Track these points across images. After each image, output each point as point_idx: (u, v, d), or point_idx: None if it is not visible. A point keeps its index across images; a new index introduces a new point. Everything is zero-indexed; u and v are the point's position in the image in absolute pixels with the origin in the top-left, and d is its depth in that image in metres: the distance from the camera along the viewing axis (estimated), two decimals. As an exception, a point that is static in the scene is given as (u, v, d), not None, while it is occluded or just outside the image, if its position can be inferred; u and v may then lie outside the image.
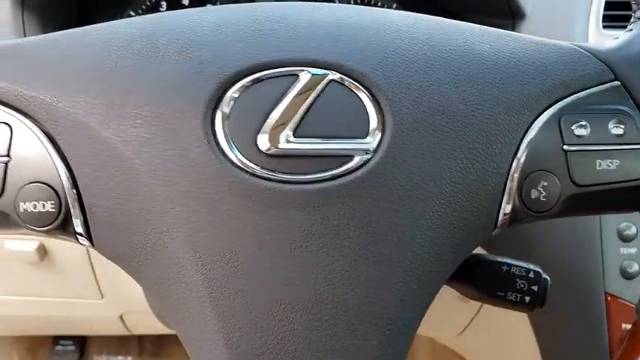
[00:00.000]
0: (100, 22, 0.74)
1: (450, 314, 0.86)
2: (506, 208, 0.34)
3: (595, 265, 0.66)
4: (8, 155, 0.32)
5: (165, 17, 0.35)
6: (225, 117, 0.32)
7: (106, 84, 0.32)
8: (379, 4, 0.81)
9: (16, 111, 0.32)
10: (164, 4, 0.79)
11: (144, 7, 0.78)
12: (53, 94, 0.32)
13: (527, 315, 0.71)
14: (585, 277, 0.67)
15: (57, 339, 1.17)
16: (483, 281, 0.42)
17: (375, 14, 0.36)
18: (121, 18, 0.76)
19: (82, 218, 0.33)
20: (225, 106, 0.32)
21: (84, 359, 1.36)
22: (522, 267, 0.42)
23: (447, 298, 0.56)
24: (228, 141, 0.31)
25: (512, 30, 0.71)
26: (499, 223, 0.35)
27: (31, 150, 0.32)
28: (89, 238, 0.33)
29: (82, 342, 1.21)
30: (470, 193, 0.33)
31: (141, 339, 1.42)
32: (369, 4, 0.82)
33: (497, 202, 0.34)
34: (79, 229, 0.33)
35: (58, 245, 0.70)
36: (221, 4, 0.80)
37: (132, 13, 0.78)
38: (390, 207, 0.32)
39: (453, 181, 0.33)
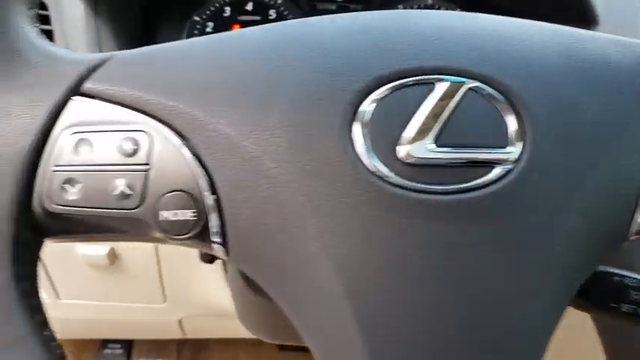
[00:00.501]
0: (164, 29, 0.74)
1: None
2: (639, 218, 0.34)
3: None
4: (148, 163, 0.32)
5: (288, 26, 0.35)
6: (363, 126, 0.31)
7: (246, 93, 0.32)
8: (442, 9, 0.81)
9: (156, 119, 0.32)
10: (228, 9, 0.79)
11: (208, 12, 0.78)
12: (193, 104, 0.32)
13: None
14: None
15: (105, 342, 1.17)
16: (596, 293, 0.41)
17: (501, 22, 0.36)
18: (185, 23, 0.77)
19: (219, 227, 0.33)
20: (363, 115, 0.31)
21: (126, 361, 1.37)
22: (636, 278, 0.41)
23: None
24: (367, 150, 0.31)
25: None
26: (631, 234, 0.34)
27: (170, 158, 0.32)
28: (225, 247, 0.33)
29: (129, 346, 1.21)
30: (606, 204, 0.33)
31: (181, 344, 1.43)
32: (431, 8, 0.81)
33: (630, 212, 0.34)
34: (216, 238, 0.33)
35: (128, 250, 0.70)
36: (284, 8, 0.80)
37: (196, 18, 0.78)
38: (533, 218, 0.32)
39: (592, 191, 0.33)
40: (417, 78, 0.32)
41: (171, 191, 0.32)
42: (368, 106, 0.32)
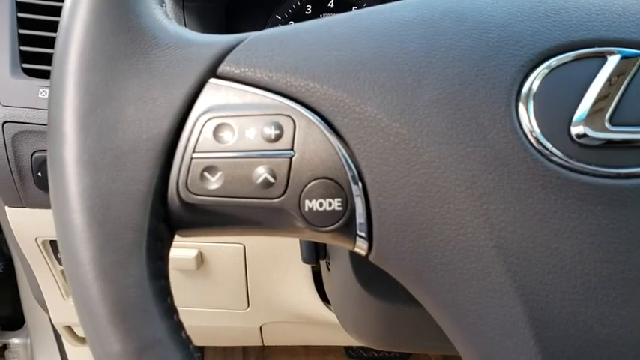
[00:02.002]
0: (246, 26, 0.73)
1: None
2: None
3: None
4: (292, 149, 0.30)
5: (446, 1, 0.32)
6: (530, 103, 0.28)
7: (395, 71, 0.30)
8: None
9: (299, 103, 0.30)
10: (309, 7, 0.77)
11: (290, 10, 0.77)
12: (338, 85, 0.30)
13: None
14: None
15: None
16: None
17: None
18: (267, 22, 0.75)
19: (366, 219, 0.30)
20: (529, 91, 0.29)
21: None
22: None
23: None
24: (536, 130, 0.28)
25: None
26: None
27: (316, 144, 0.30)
28: (370, 242, 0.30)
29: (202, 352, 1.20)
30: None
31: (245, 350, 1.41)
32: None
33: None
34: (362, 231, 0.30)
35: (215, 253, 0.68)
36: (367, 4, 0.78)
37: (278, 17, 0.76)
38: None
39: None
40: (587, 51, 0.29)
41: (317, 179, 0.30)
42: (534, 82, 0.29)
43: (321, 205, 0.30)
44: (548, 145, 0.28)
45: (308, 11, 0.77)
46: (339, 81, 0.30)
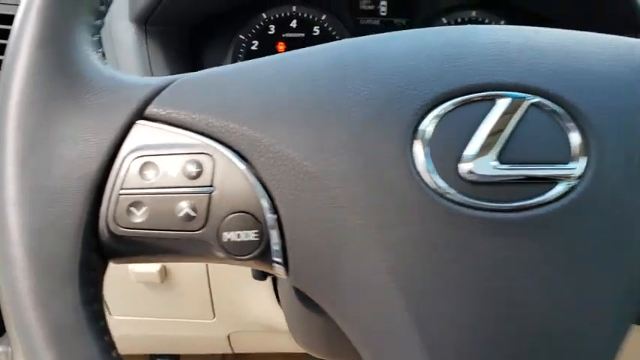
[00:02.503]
0: (210, 48, 0.75)
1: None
2: None
3: None
4: (212, 185, 0.32)
5: (347, 46, 0.35)
6: (425, 144, 0.31)
7: (306, 115, 0.32)
8: (486, 22, 0.80)
9: (219, 143, 0.33)
10: (272, 27, 0.80)
11: (253, 30, 0.79)
12: (255, 126, 0.32)
13: None
14: None
15: (153, 357, 1.19)
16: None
17: (559, 35, 0.36)
18: (231, 42, 0.78)
19: (281, 248, 0.33)
20: (424, 133, 0.31)
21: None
22: None
23: None
24: (429, 168, 0.31)
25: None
26: None
27: (233, 180, 0.32)
28: (285, 267, 0.33)
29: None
30: None
31: (223, 358, 1.44)
32: (475, 21, 0.81)
33: None
34: (277, 258, 0.33)
35: (179, 267, 0.71)
36: (328, 24, 0.81)
37: (242, 37, 0.79)
38: (598, 235, 0.31)
39: None
40: (478, 95, 0.32)
41: (235, 212, 0.32)
42: (428, 124, 0.32)
43: (238, 236, 0.32)
44: (441, 183, 0.31)
45: (271, 31, 0.80)
46: (256, 123, 0.33)
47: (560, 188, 0.31)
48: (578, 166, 0.31)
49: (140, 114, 0.33)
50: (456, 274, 0.31)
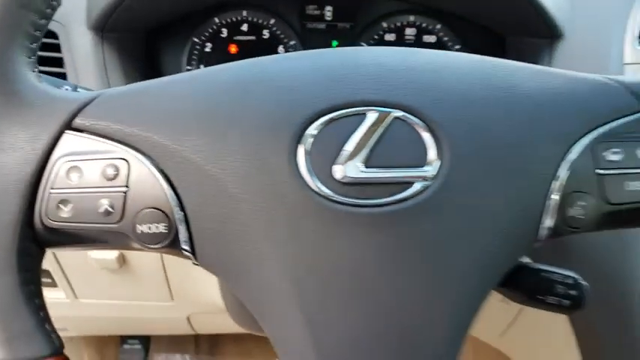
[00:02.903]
0: (166, 50, 0.81)
1: (492, 316, 0.91)
2: (547, 224, 0.40)
3: (635, 267, 0.70)
4: (127, 186, 0.39)
5: (254, 65, 0.41)
6: (306, 152, 0.38)
7: (208, 126, 0.39)
8: (423, 25, 0.87)
9: (133, 149, 0.39)
10: (225, 30, 0.86)
11: (206, 33, 0.85)
12: (163, 135, 0.39)
13: (568, 316, 0.76)
14: (625, 278, 0.71)
15: (124, 339, 1.26)
16: (526, 287, 0.47)
17: (433, 56, 0.42)
18: (185, 45, 0.84)
19: (188, 238, 0.39)
20: (306, 143, 0.38)
21: (147, 358, 1.45)
22: (561, 274, 0.47)
23: (490, 300, 0.62)
24: (309, 172, 0.38)
25: (550, 50, 0.76)
26: (541, 237, 0.40)
27: (145, 181, 0.39)
28: (193, 253, 0.40)
29: (147, 341, 1.29)
30: (515, 212, 0.39)
31: (197, 339, 1.51)
32: (413, 25, 0.87)
33: (538, 219, 0.40)
34: (186, 246, 0.39)
35: (136, 253, 0.78)
36: (276, 28, 0.87)
37: (195, 39, 0.85)
38: (447, 226, 0.38)
39: (501, 203, 0.38)
40: (351, 110, 0.38)
41: (146, 208, 0.39)
42: (310, 134, 0.38)
43: (149, 228, 0.39)
44: (319, 184, 0.37)
45: (223, 34, 0.86)
46: (165, 132, 0.39)
47: (416, 187, 0.38)
48: (432, 169, 0.38)
49: (68, 125, 0.39)
50: (329, 258, 0.37)
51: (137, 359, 1.27)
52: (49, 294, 0.86)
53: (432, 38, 0.88)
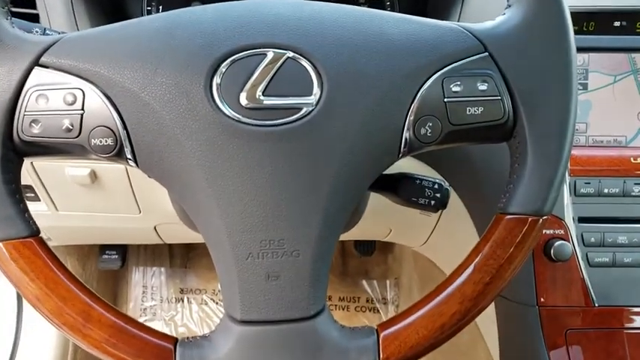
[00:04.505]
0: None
1: (416, 226, 1.06)
2: (404, 140, 0.52)
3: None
4: (83, 109, 0.51)
5: (179, 15, 0.53)
6: (218, 83, 0.50)
7: (143, 62, 0.50)
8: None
9: (87, 81, 0.51)
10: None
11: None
12: (110, 70, 0.51)
13: (473, 219, 0.90)
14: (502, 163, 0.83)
15: (103, 249, 1.40)
16: (402, 190, 0.61)
17: (321, 7, 0.54)
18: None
19: (130, 149, 0.52)
20: (218, 76, 0.50)
21: (124, 269, 1.60)
22: (430, 180, 0.60)
23: (411, 213, 0.75)
24: (221, 99, 0.50)
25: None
26: (401, 151, 0.53)
27: (97, 105, 0.50)
28: (136, 162, 0.52)
29: (124, 253, 1.44)
30: (379, 130, 0.52)
31: (171, 253, 1.65)
32: None
33: (398, 136, 0.52)
34: (129, 155, 0.52)
35: (106, 170, 0.90)
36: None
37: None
38: (325, 140, 0.50)
39: (368, 122, 0.51)
40: (255, 51, 0.50)
41: (98, 127, 0.51)
42: (222, 70, 0.50)
43: (101, 141, 0.51)
44: (228, 109, 0.50)
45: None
46: (111, 67, 0.50)
47: (303, 111, 0.50)
48: (314, 98, 0.50)
49: (36, 62, 0.51)
50: (236, 165, 0.50)
51: (114, 267, 1.41)
52: (32, 207, 0.99)
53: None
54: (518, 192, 0.53)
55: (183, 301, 1.66)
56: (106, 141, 0.51)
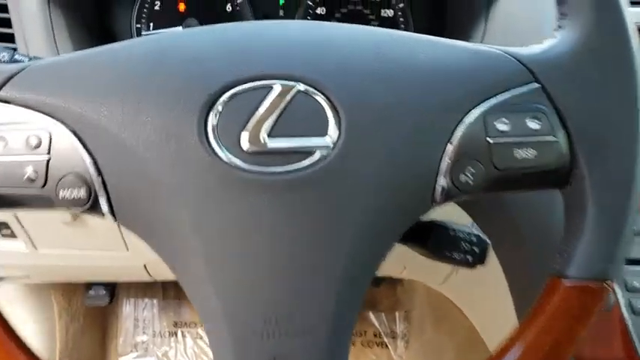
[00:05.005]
0: (115, 7, 0.82)
1: (432, 264, 0.96)
2: (439, 189, 0.43)
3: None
4: (49, 153, 0.42)
5: (168, 39, 0.44)
6: (214, 123, 0.41)
7: (123, 96, 0.42)
8: None
9: (55, 119, 0.42)
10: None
11: (159, -4, 0.87)
12: (83, 106, 0.42)
13: (505, 271, 0.80)
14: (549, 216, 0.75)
15: (89, 285, 1.30)
16: (433, 243, 0.51)
17: (333, 30, 0.45)
18: (135, 3, 0.85)
19: (107, 201, 0.42)
20: (215, 114, 0.41)
21: (114, 302, 1.50)
22: (466, 231, 0.51)
23: None
24: (218, 142, 0.41)
25: (487, 9, 0.78)
26: (435, 200, 0.44)
27: (66, 149, 0.42)
28: (113, 216, 0.43)
29: (112, 287, 1.34)
30: (409, 177, 0.43)
31: (164, 285, 1.56)
32: None
33: (431, 184, 0.43)
34: (105, 208, 0.43)
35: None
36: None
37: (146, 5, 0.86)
38: (344, 190, 0.41)
39: (396, 168, 0.42)
40: (258, 83, 0.41)
41: (68, 174, 0.42)
42: (219, 106, 0.41)
43: (71, 192, 0.42)
44: (226, 153, 0.41)
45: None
46: (84, 102, 0.42)
47: (316, 156, 0.41)
48: (331, 139, 0.41)
49: None
50: (234, 221, 0.41)
51: (102, 304, 1.32)
52: (9, 245, 0.89)
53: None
54: (579, 251, 0.44)
55: (177, 335, 1.56)
56: (78, 192, 0.42)
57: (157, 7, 0.87)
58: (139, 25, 0.87)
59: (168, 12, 0.87)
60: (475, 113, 0.43)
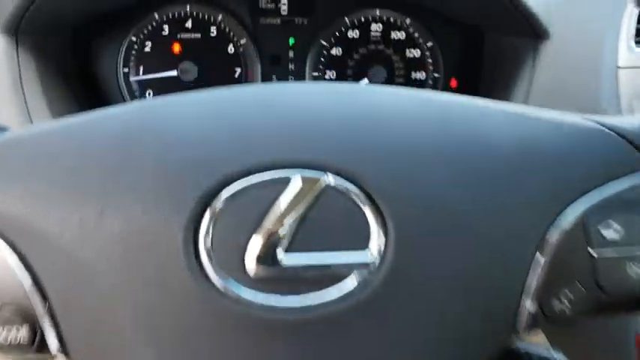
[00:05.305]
0: (99, 50, 0.70)
1: None
2: (525, 315, 0.31)
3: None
4: None
5: (149, 111, 0.31)
6: (208, 234, 0.28)
7: (82, 198, 0.29)
8: (390, 20, 0.77)
9: None
10: (166, 27, 0.75)
11: (145, 31, 0.75)
12: (23, 209, 0.29)
13: None
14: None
15: None
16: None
17: (375, 98, 0.32)
18: (121, 44, 0.73)
19: (56, 337, 0.30)
20: (209, 222, 0.28)
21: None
22: (543, 356, 0.38)
23: None
24: (212, 263, 0.28)
25: (535, 50, 0.66)
26: (518, 331, 0.31)
27: (1, 271, 0.29)
28: (66, 354, 0.31)
29: None
30: (482, 303, 0.30)
31: None
32: (380, 20, 0.77)
33: (512, 310, 0.31)
34: (54, 348, 0.30)
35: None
36: (225, 25, 0.77)
37: (133, 38, 0.74)
38: (395, 328, 0.29)
39: (464, 293, 0.30)
40: (267, 175, 0.29)
41: (3, 306, 0.29)
42: (214, 212, 0.28)
43: (9, 332, 0.30)
44: (224, 279, 0.28)
45: (165, 32, 0.76)
46: (26, 205, 0.29)
47: (354, 280, 0.28)
48: (374, 255, 0.29)
49: None
50: None
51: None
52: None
53: (400, 34, 0.78)
54: None
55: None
56: (18, 330, 0.29)
57: (147, 49, 0.75)
58: (126, 70, 0.75)
59: (161, 54, 0.75)
60: (572, 213, 0.31)
